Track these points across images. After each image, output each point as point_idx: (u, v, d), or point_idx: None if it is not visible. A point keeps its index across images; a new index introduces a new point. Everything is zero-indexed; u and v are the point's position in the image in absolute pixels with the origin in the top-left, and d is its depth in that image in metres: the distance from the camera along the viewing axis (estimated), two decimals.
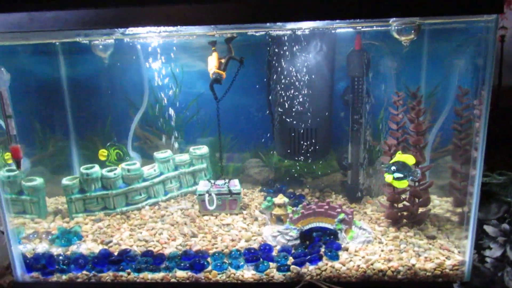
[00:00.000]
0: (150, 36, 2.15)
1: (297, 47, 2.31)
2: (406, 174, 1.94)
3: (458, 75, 2.35)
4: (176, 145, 2.64)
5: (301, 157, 2.45)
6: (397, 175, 1.95)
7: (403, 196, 2.24)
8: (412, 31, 1.76)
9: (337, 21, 1.88)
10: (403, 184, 1.99)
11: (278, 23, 1.97)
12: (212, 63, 2.19)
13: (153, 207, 2.56)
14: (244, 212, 2.48)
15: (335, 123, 2.56)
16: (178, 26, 1.86)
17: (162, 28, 1.93)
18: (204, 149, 2.71)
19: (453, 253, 2.01)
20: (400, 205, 2.27)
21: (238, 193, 2.44)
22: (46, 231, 2.31)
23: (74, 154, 2.74)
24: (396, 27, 1.78)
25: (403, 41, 1.81)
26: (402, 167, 1.94)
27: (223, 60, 2.20)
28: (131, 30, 1.92)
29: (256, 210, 2.49)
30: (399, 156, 1.98)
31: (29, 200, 2.44)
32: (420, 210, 2.23)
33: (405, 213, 2.25)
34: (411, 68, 2.47)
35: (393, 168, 1.95)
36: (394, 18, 1.75)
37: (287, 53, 2.33)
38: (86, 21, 1.70)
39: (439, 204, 2.50)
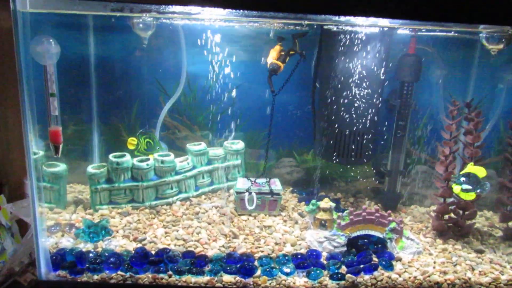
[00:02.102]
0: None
1: (349, 46, 2.20)
2: (475, 186, 1.90)
3: (506, 89, 2.35)
4: (210, 137, 2.47)
5: (344, 160, 2.36)
6: (465, 186, 1.90)
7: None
8: (503, 40, 1.70)
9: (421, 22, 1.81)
10: (470, 197, 1.94)
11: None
12: (272, 54, 2.06)
13: (184, 203, 2.39)
14: (283, 213, 2.36)
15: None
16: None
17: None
18: (240, 144, 2.56)
19: (505, 268, 1.99)
20: (446, 217, 2.23)
21: (279, 194, 2.32)
22: (69, 224, 2.09)
23: (95, 140, 2.50)
24: (485, 35, 1.72)
25: (491, 50, 1.76)
26: (472, 179, 1.89)
27: (283, 52, 2.07)
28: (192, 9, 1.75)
29: (294, 213, 2.38)
30: (471, 168, 1.93)
31: (49, 187, 2.20)
32: (467, 223, 2.20)
33: (450, 225, 2.21)
34: (459, 77, 2.44)
35: (462, 179, 1.90)
36: (484, 25, 1.69)
37: (338, 51, 2.22)
38: None
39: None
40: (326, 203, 2.20)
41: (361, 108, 2.29)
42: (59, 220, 2.13)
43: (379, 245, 2.09)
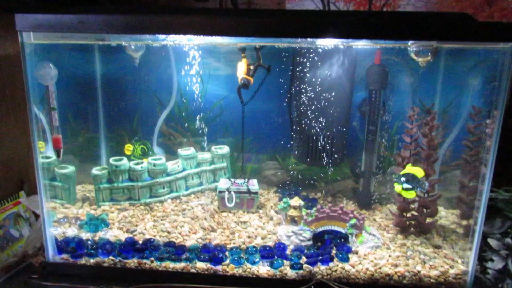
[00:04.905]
0: (184, 42, 2.30)
1: (319, 59, 2.44)
2: (414, 185, 2.08)
3: (471, 94, 2.48)
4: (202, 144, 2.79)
5: (317, 163, 2.59)
6: (406, 186, 2.09)
7: (412, 206, 2.38)
8: (429, 53, 1.88)
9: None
10: (410, 195, 2.12)
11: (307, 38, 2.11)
12: (241, 68, 2.33)
13: (174, 201, 2.72)
14: (260, 211, 2.62)
15: (350, 133, 2.69)
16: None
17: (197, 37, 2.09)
18: (225, 149, 2.86)
19: (457, 262, 2.13)
20: (409, 214, 2.40)
21: (256, 193, 2.59)
22: (75, 217, 2.47)
23: (102, 145, 2.90)
24: (414, 49, 1.91)
25: (420, 62, 1.94)
26: (411, 178, 2.08)
27: (251, 67, 2.34)
28: (172, 37, 2.07)
29: (271, 210, 2.63)
30: (409, 168, 2.12)
31: (61, 186, 2.61)
32: (428, 220, 2.36)
33: (413, 222, 2.38)
34: (426, 84, 2.59)
35: (402, 179, 2.09)
36: (412, 41, 1.88)
37: (309, 64, 2.46)
38: (131, 26, 1.85)
39: (445, 216, 2.62)
40: (296, 201, 2.43)
41: (332, 116, 2.51)
42: (67, 213, 2.52)
43: (343, 240, 2.30)
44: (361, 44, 2.32)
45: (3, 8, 2.11)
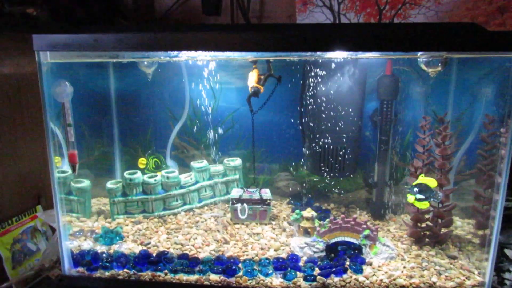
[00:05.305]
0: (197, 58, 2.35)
1: (330, 70, 2.45)
2: (427, 196, 2.07)
3: (485, 103, 2.45)
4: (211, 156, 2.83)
5: (329, 173, 2.59)
6: (418, 196, 2.08)
7: (427, 216, 2.35)
8: (439, 64, 1.88)
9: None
10: (424, 205, 2.11)
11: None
12: (252, 78, 2.37)
13: (188, 213, 2.74)
14: (273, 222, 2.63)
15: (363, 143, 2.68)
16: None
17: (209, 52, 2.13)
18: (237, 161, 2.88)
19: (473, 273, 2.10)
20: (423, 225, 2.37)
21: (269, 203, 2.59)
22: (91, 230, 2.51)
23: (117, 159, 2.95)
24: (423, 60, 1.91)
25: (430, 72, 1.94)
26: (424, 189, 2.07)
27: (262, 77, 2.37)
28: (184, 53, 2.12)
29: (284, 221, 2.63)
30: (422, 179, 2.11)
31: (77, 200, 2.66)
32: (443, 230, 2.33)
33: (427, 233, 2.35)
34: (439, 93, 2.58)
35: (415, 189, 2.08)
36: (421, 52, 1.89)
37: (321, 75, 2.48)
38: (144, 44, 1.89)
39: (461, 226, 2.58)
40: (308, 212, 2.43)
41: (343, 126, 2.52)
42: (83, 227, 2.56)
43: (356, 251, 2.28)
44: (371, 55, 2.33)
45: (21, 29, 2.19)
